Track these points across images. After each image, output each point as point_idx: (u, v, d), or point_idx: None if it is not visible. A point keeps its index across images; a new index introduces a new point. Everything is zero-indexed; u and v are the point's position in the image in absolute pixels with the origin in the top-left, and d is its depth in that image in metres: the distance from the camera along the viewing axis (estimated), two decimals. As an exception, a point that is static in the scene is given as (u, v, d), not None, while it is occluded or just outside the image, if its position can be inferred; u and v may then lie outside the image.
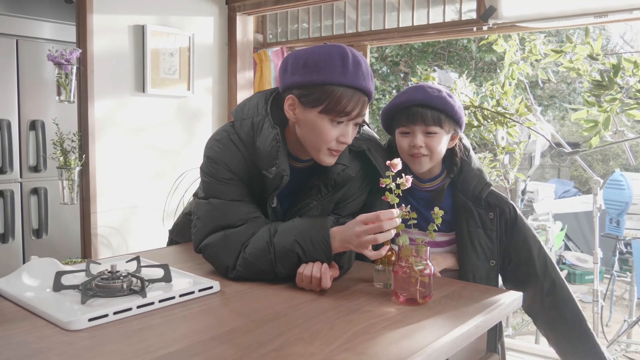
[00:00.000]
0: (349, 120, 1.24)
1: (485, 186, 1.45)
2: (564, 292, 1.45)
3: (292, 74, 1.24)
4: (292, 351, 0.88)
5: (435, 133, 1.39)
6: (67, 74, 2.43)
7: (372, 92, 1.25)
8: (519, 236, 1.46)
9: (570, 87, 8.19)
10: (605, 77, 2.14)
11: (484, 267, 1.45)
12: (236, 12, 3.30)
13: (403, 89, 1.48)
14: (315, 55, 1.21)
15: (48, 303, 1.05)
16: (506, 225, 1.46)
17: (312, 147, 1.27)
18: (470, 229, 1.44)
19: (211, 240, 1.28)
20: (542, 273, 1.45)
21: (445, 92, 1.41)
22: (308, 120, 1.24)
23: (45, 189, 3.41)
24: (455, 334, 0.97)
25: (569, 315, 1.45)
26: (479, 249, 1.44)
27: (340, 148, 1.27)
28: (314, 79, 1.20)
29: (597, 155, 9.01)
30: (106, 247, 2.75)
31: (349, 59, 1.20)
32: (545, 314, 1.47)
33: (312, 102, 1.21)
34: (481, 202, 1.45)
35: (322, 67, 1.19)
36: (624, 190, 3.60)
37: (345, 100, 1.20)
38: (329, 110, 1.20)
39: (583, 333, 1.45)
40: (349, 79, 1.19)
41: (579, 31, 2.54)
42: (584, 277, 5.19)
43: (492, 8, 2.59)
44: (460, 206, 1.46)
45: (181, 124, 3.11)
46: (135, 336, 0.93)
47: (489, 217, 1.45)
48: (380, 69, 7.52)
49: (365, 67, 1.23)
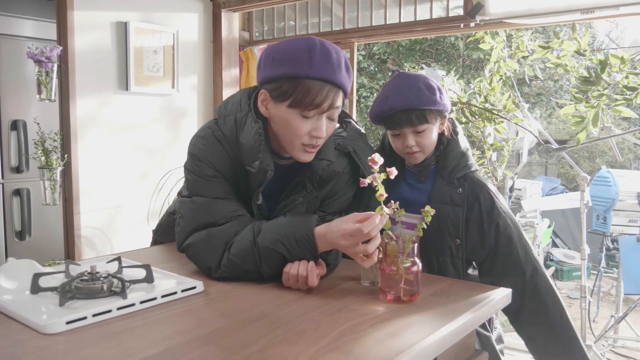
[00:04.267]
0: (320, 113, 1.20)
1: (464, 168, 1.45)
2: (545, 280, 1.43)
3: (264, 69, 1.22)
4: (277, 351, 0.85)
5: (424, 130, 1.42)
6: (47, 71, 2.38)
7: (345, 83, 1.21)
8: (498, 221, 1.43)
9: (557, 85, 8.25)
10: (592, 73, 2.14)
11: (447, 245, 1.44)
12: (221, 9, 3.27)
13: (383, 88, 1.47)
14: (283, 48, 1.19)
15: (24, 306, 1.01)
16: (480, 208, 1.43)
17: (287, 143, 1.25)
18: (438, 205, 1.41)
19: (194, 240, 1.25)
20: (524, 259, 1.42)
21: (423, 83, 1.41)
22: (279, 115, 1.22)
23: (27, 190, 3.35)
24: (444, 332, 0.95)
25: (550, 302, 1.41)
26: (443, 226, 1.44)
27: (315, 143, 1.23)
28: (280, 73, 1.18)
29: (584, 153, 9.10)
30: (90, 248, 2.71)
31: (316, 50, 1.16)
32: (527, 304, 1.42)
33: (280, 96, 1.19)
34: (454, 181, 1.45)
35: (289, 60, 1.17)
36: (610, 187, 3.62)
37: (313, 93, 1.16)
38: (297, 103, 1.17)
39: (563, 324, 1.42)
40: (316, 71, 1.16)
41: (565, 28, 2.54)
42: (571, 273, 5.23)
43: (479, 5, 2.59)
44: (436, 186, 1.47)
45: (166, 122, 3.07)
46: (114, 339, 0.90)
47: (458, 192, 1.44)
48: (368, 67, 7.51)
49: (337, 58, 1.19)
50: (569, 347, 1.42)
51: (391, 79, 1.48)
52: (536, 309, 1.43)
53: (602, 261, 3.62)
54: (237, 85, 3.40)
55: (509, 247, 1.43)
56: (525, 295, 1.42)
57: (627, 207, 3.57)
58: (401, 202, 1.34)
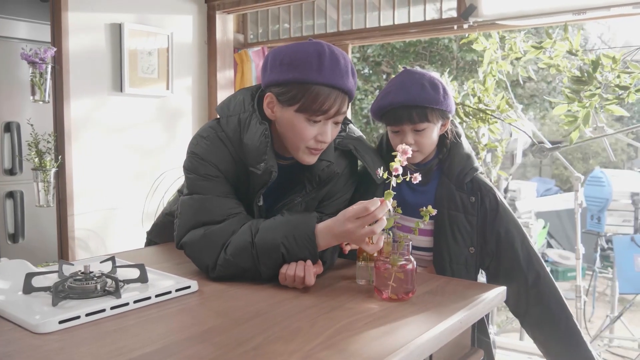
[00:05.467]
0: (327, 119, 1.21)
1: (471, 170, 1.43)
2: (549, 285, 1.42)
3: (270, 72, 1.22)
4: (272, 349, 0.85)
5: (424, 128, 1.39)
6: (41, 73, 2.37)
7: (352, 89, 1.22)
8: (501, 226, 1.42)
9: (550, 86, 8.29)
10: (585, 73, 2.15)
11: (463, 254, 1.42)
12: (215, 11, 3.26)
13: (388, 83, 1.44)
14: (291, 52, 1.19)
15: (17, 306, 1.01)
16: (486, 213, 1.42)
17: (291, 145, 1.26)
18: (450, 212, 1.41)
19: (191, 238, 1.25)
20: (525, 265, 1.41)
21: (428, 81, 1.38)
22: (286, 118, 1.22)
23: (21, 192, 3.33)
24: (439, 329, 0.95)
25: (555, 308, 1.41)
26: (458, 234, 1.41)
27: (320, 147, 1.25)
28: (289, 77, 1.18)
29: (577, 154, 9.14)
30: (84, 250, 2.69)
31: (325, 57, 1.17)
32: (531, 310, 1.42)
33: (288, 100, 1.19)
34: (464, 186, 1.43)
35: (297, 65, 1.17)
36: (604, 187, 3.65)
37: (321, 99, 1.17)
38: (305, 109, 1.18)
39: (570, 329, 1.41)
40: (325, 77, 1.16)
41: (557, 29, 2.55)
42: (566, 274, 5.24)
43: (473, 6, 2.60)
44: (443, 189, 1.43)
45: (160, 124, 3.06)
46: (108, 338, 0.90)
47: (470, 201, 1.42)
48: (362, 70, 7.53)
49: (345, 64, 1.20)
50: (575, 351, 1.42)
51: (397, 74, 1.45)
52: (541, 314, 1.43)
53: (597, 261, 3.63)
54: (231, 87, 3.39)
55: (510, 253, 1.43)
56: (530, 301, 1.42)
57: (621, 207, 3.59)
58: (403, 205, 1.34)
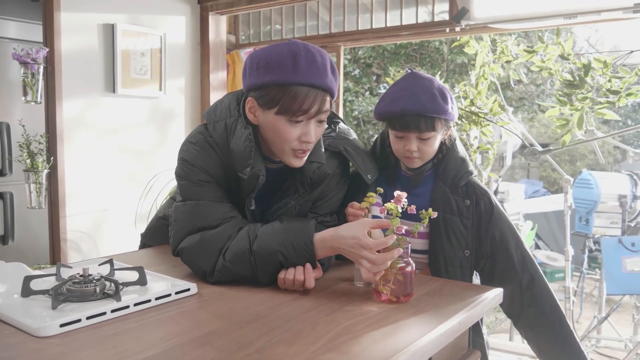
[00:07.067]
0: (309, 118, 1.20)
1: (466, 174, 1.44)
2: (543, 288, 1.44)
3: (249, 76, 1.22)
4: (275, 352, 0.85)
5: (429, 137, 1.39)
6: (33, 73, 2.35)
7: (332, 86, 1.21)
8: (495, 229, 1.43)
9: (539, 89, 8.37)
10: (576, 77, 2.18)
11: (458, 256, 1.43)
12: (208, 12, 3.26)
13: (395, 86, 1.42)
14: (267, 55, 1.18)
15: (16, 309, 1.00)
16: (481, 217, 1.44)
17: (277, 148, 1.25)
18: (446, 216, 1.41)
19: (187, 244, 1.25)
20: (520, 267, 1.43)
21: (438, 89, 1.37)
22: (268, 122, 1.21)
23: (11, 193, 3.30)
24: (439, 331, 0.96)
25: (548, 310, 1.42)
26: (453, 237, 1.42)
27: (304, 148, 1.23)
28: (266, 80, 1.17)
29: (565, 156, 9.23)
30: (76, 253, 2.68)
31: (300, 56, 1.16)
32: (525, 312, 1.44)
33: (267, 103, 1.19)
34: (459, 190, 1.43)
35: (273, 67, 1.16)
36: (592, 189, 3.69)
37: (300, 99, 1.16)
38: (285, 110, 1.17)
39: (563, 331, 1.43)
40: (302, 77, 1.15)
41: (548, 33, 2.58)
42: (554, 275, 5.29)
43: (465, 9, 2.62)
44: (438, 193, 1.44)
45: (153, 125, 3.05)
46: (109, 341, 0.90)
47: (465, 204, 1.43)
48: (353, 71, 7.55)
49: (322, 62, 1.18)
50: (568, 352, 1.44)
51: (404, 77, 1.43)
52: (534, 316, 1.44)
53: (585, 262, 3.67)
54: (224, 88, 3.39)
55: (504, 256, 1.44)
56: (523, 303, 1.44)
57: (609, 209, 3.63)
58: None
